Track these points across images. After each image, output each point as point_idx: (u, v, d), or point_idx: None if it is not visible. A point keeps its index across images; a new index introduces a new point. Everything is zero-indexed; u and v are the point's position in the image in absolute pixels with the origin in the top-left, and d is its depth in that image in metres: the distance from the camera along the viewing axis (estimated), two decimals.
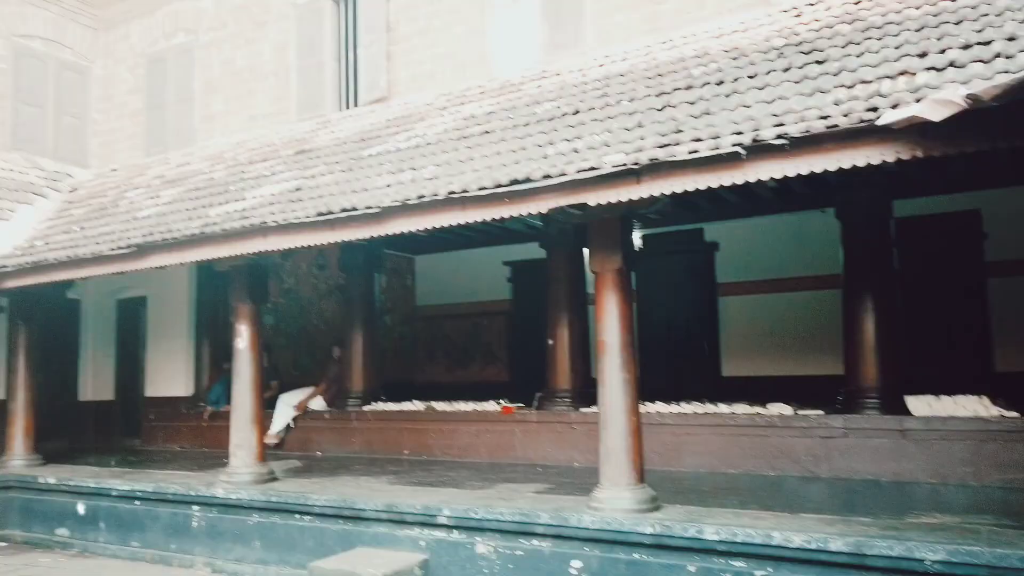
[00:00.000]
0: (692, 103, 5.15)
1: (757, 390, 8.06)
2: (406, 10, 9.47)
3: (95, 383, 12.03)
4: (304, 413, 9.65)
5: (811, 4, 6.40)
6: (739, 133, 4.30)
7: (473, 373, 12.44)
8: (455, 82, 8.97)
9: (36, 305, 9.31)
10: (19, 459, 8.99)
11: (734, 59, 5.72)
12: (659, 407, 7.46)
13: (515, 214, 5.17)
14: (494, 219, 5.31)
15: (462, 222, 5.42)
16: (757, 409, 7.04)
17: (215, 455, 9.21)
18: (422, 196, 5.45)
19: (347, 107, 10.02)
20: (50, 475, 8.38)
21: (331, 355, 10.34)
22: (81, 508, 7.97)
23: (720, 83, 5.31)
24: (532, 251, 9.37)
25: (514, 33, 8.66)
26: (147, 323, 11.62)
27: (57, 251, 8.03)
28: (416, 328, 13.05)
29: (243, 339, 7.51)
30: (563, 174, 4.80)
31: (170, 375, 11.36)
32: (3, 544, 8.32)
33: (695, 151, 4.34)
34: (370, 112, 9.30)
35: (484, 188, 5.14)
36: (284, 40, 10.51)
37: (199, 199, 8.10)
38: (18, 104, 11.44)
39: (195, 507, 7.15)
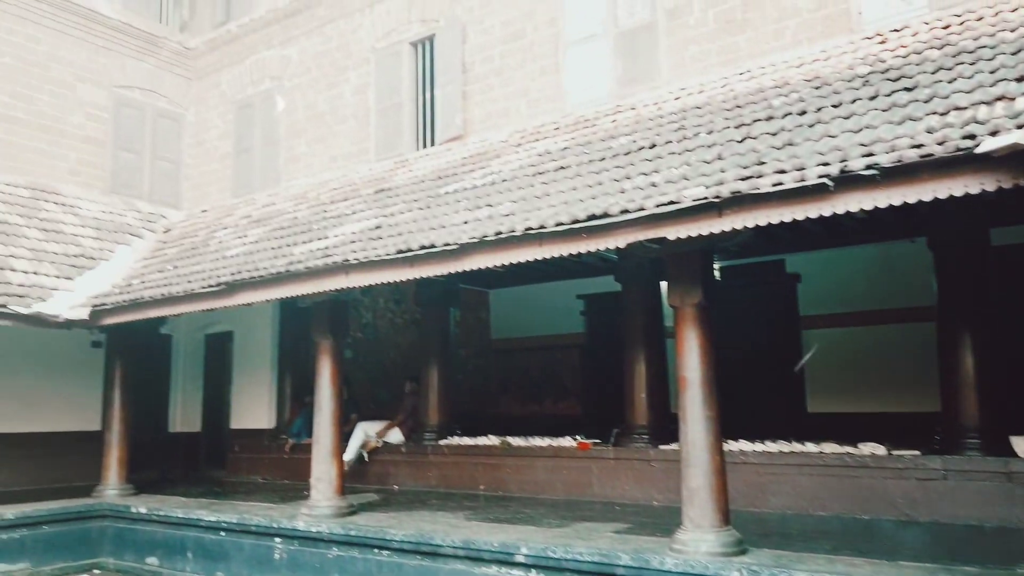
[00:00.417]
0: (774, 134, 5.05)
1: (845, 428, 7.71)
2: (481, 50, 9.67)
3: (184, 415, 12.49)
4: (381, 447, 9.75)
5: (896, 30, 6.23)
6: (825, 164, 4.19)
7: (547, 407, 12.36)
8: (529, 119, 9.08)
9: (132, 340, 9.77)
10: (113, 489, 9.37)
11: (816, 88, 5.60)
12: (742, 445, 7.22)
13: (592, 249, 5.14)
14: (570, 254, 5.30)
15: (539, 258, 5.43)
16: (847, 449, 6.73)
17: (296, 487, 9.40)
18: (499, 232, 5.49)
19: (424, 146, 10.25)
20: (141, 505, 8.70)
21: (404, 389, 10.44)
22: (170, 538, 8.23)
23: (803, 113, 5.20)
24: (606, 284, 9.30)
25: (588, 69, 8.72)
26: (233, 357, 12.03)
27: (152, 289, 8.43)
28: (490, 362, 13.09)
29: (324, 373, 7.68)
30: (641, 209, 4.76)
31: (253, 408, 11.69)
32: (97, 572, 8.65)
33: (779, 183, 4.24)
34: (446, 150, 9.50)
35: (561, 224, 5.14)
36: (364, 83, 10.87)
37: (284, 238, 8.39)
38: (118, 151, 12.16)
39: (277, 539, 7.28)
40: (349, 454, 9.49)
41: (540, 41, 9.14)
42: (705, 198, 4.48)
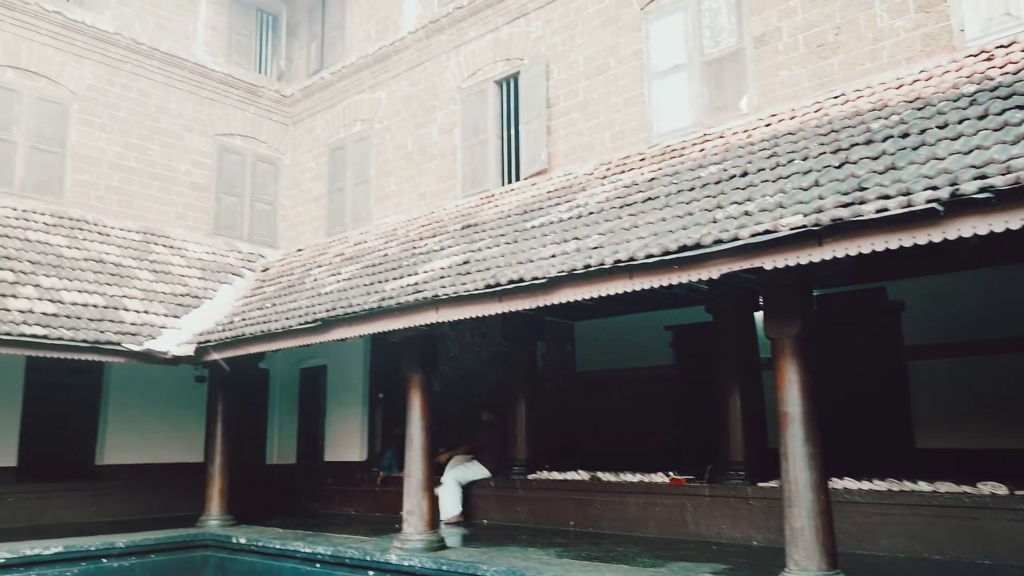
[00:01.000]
0: (875, 158, 4.86)
1: (957, 465, 7.23)
2: (565, 85, 9.76)
3: (280, 448, 12.88)
4: (471, 482, 9.74)
5: (1003, 46, 5.93)
6: (934, 188, 3.99)
7: (636, 441, 12.09)
8: (614, 151, 9.07)
9: (233, 375, 10.19)
10: (215, 519, 9.71)
11: (919, 109, 5.37)
12: (848, 483, 6.86)
13: (684, 281, 5.05)
14: (661, 286, 5.22)
15: (629, 290, 5.37)
16: (964, 488, 6.30)
17: (388, 520, 9.50)
18: (588, 266, 5.47)
19: (509, 181, 10.38)
20: (241, 535, 8.97)
21: (480, 418, 10.30)
22: (268, 568, 8.44)
23: (905, 136, 4.99)
24: (696, 315, 9.09)
25: (673, 99, 8.66)
26: (327, 391, 12.36)
27: (252, 326, 8.78)
28: (576, 395, 12.95)
29: (414, 407, 7.78)
30: (736, 239, 4.65)
31: (346, 440, 11.95)
32: None
33: (884, 209, 4.06)
34: (531, 185, 9.58)
35: (652, 256, 5.08)
36: (450, 122, 11.14)
37: (375, 275, 8.62)
38: (220, 194, 12.83)
39: (371, 572, 7.35)
40: (448, 512, 9.18)
41: (624, 74, 9.16)
42: (804, 226, 4.33)
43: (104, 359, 8.69)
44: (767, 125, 7.14)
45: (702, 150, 7.48)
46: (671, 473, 8.24)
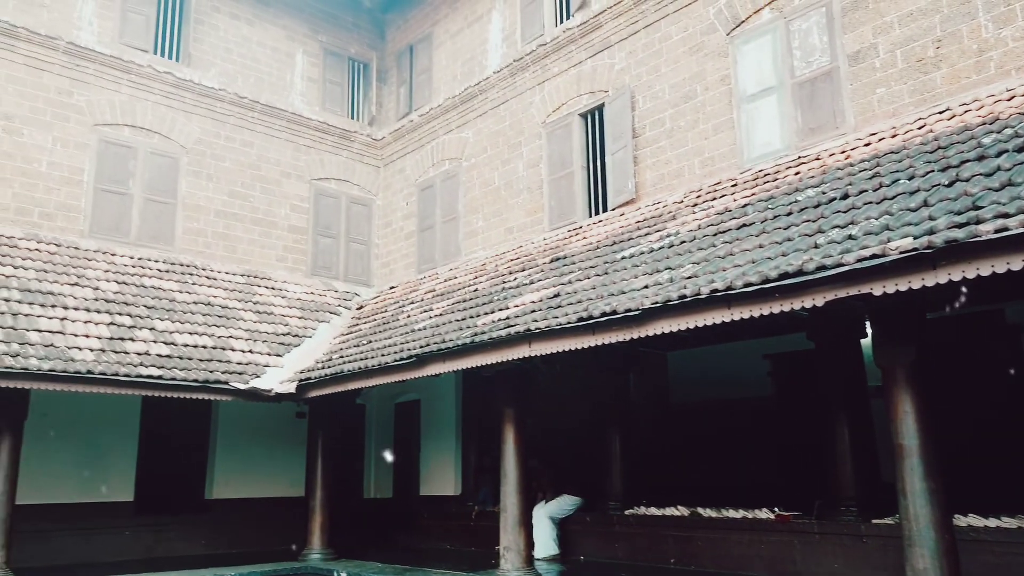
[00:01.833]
0: (988, 175, 4.60)
1: None
2: (651, 114, 9.72)
3: (377, 482, 13.10)
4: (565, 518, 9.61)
5: None
6: None
7: (735, 475, 11.67)
8: (704, 178, 8.94)
9: (331, 411, 10.47)
10: (316, 553, 9.93)
11: None
12: (973, 520, 6.40)
13: (786, 310, 4.88)
14: (762, 315, 5.06)
15: (727, 320, 5.23)
16: None
17: (483, 555, 9.47)
18: (683, 296, 5.37)
19: (596, 213, 10.36)
20: (343, 569, 9.13)
21: (528, 464, 10.01)
22: None
23: (1021, 150, 4.70)
24: (797, 343, 8.74)
25: (764, 123, 8.47)
26: (421, 425, 12.52)
27: (350, 363, 9.02)
28: (671, 427, 12.64)
29: (508, 441, 7.77)
30: (840, 264, 4.47)
31: (440, 475, 12.04)
32: None
33: (1004, 228, 3.82)
34: (619, 215, 9.53)
35: (751, 284, 4.94)
36: (536, 157, 11.26)
37: (466, 310, 8.72)
38: (317, 236, 13.34)
39: None
40: (543, 550, 8.94)
41: (712, 100, 9.04)
42: (915, 249, 4.12)
43: (213, 397, 9.10)
44: (866, 144, 6.88)
45: (797, 173, 7.27)
46: (776, 509, 7.90)
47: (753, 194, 7.32)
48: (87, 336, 8.71)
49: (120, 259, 10.88)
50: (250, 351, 10.06)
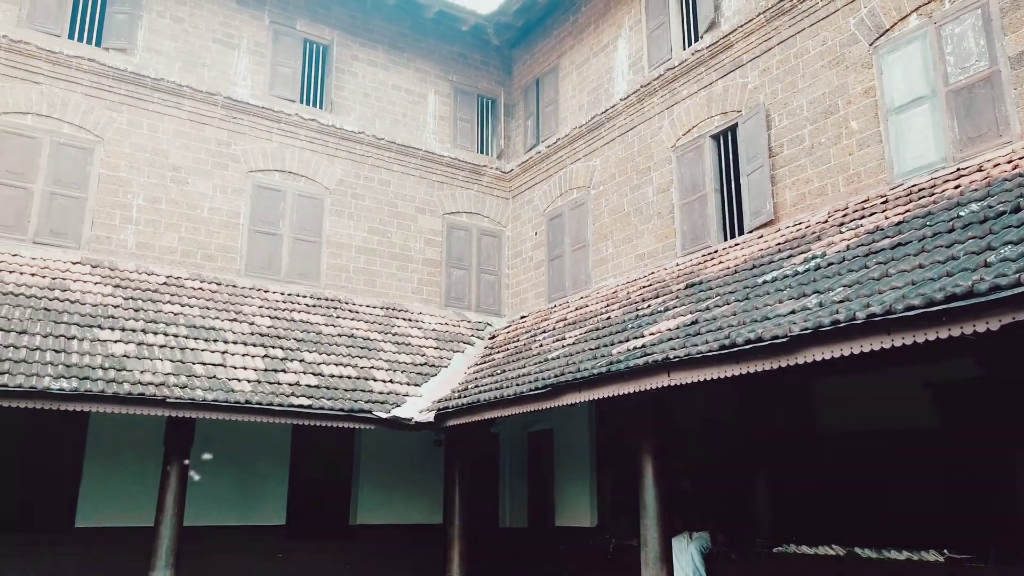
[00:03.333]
0: None
1: None
2: (788, 132, 9.35)
3: (512, 511, 13.14)
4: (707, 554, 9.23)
5: None
6: None
7: (893, 511, 10.80)
8: (849, 196, 8.46)
9: (467, 440, 10.63)
10: None
11: None
12: None
13: (955, 335, 4.49)
14: (926, 341, 4.68)
15: (887, 347, 4.87)
16: None
17: None
18: (836, 322, 5.06)
19: (732, 236, 10.03)
20: None
21: (680, 488, 9.64)
22: None
23: None
24: (963, 369, 8.02)
25: (915, 134, 7.93)
26: (554, 454, 12.47)
27: (485, 392, 9.14)
28: (820, 458, 11.89)
29: (647, 473, 7.57)
30: (1019, 284, 4.07)
31: (575, 505, 11.91)
32: None
33: None
34: (757, 238, 9.18)
35: (913, 308, 4.59)
36: (666, 181, 11.08)
37: (600, 338, 8.64)
38: (449, 268, 13.71)
39: None
40: None
41: (855, 113, 8.58)
42: None
43: (357, 426, 9.46)
44: None
45: (957, 186, 6.73)
46: (946, 551, 7.23)
47: (907, 211, 6.84)
48: (244, 368, 9.32)
49: (272, 295, 11.62)
50: (390, 381, 10.42)
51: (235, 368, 9.25)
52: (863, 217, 7.50)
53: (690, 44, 11.05)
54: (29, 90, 10.71)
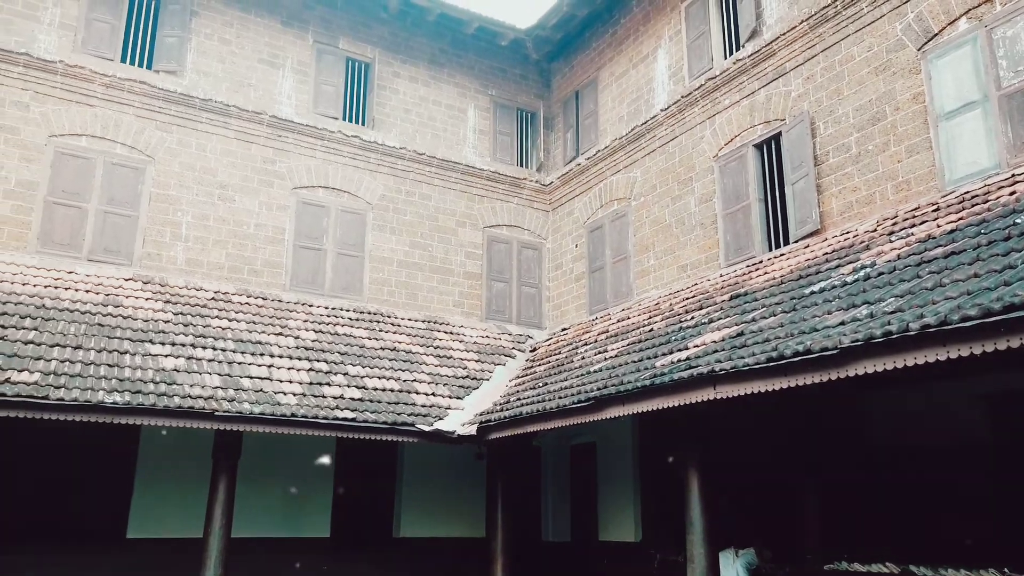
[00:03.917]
0: None
1: None
2: (834, 140, 9.19)
3: (555, 525, 13.05)
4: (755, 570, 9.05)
5: None
6: None
7: (948, 527, 10.45)
8: (899, 204, 8.27)
9: (509, 453, 10.59)
10: None
11: None
12: None
13: (1013, 346, 4.34)
14: (984, 353, 4.53)
15: (942, 359, 4.74)
16: None
17: None
18: (889, 333, 4.94)
19: (777, 246, 9.88)
20: None
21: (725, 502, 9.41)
22: None
23: None
24: (1017, 379, 7.77)
25: (966, 140, 7.72)
26: (597, 468, 12.36)
27: (528, 405, 9.11)
28: (871, 474, 11.59)
29: (692, 488, 7.46)
30: None
31: (618, 520, 11.77)
32: None
33: None
34: (804, 248, 9.03)
35: (969, 318, 4.46)
36: (708, 191, 10.97)
37: (643, 351, 8.56)
38: (490, 281, 13.74)
39: None
40: None
41: (903, 120, 8.40)
42: None
43: (400, 439, 9.50)
44: None
45: (1012, 193, 6.54)
46: (1006, 569, 6.97)
47: (960, 218, 6.66)
48: (290, 382, 9.45)
49: (316, 310, 11.78)
50: (433, 394, 10.46)
51: (281, 381, 9.38)
52: (914, 226, 7.33)
53: (731, 53, 10.95)
54: (84, 112, 11.08)
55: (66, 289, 9.93)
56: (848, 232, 8.49)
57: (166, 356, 9.11)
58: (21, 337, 8.47)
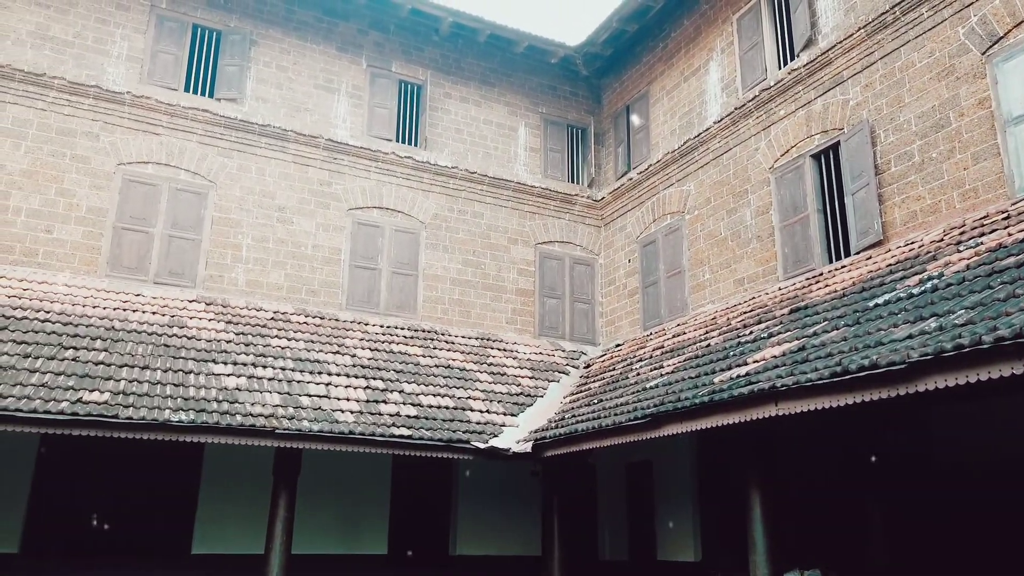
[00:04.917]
0: None
1: None
2: (895, 148, 8.95)
3: (612, 544, 12.88)
4: None
5: None
6: None
7: (1018, 545, 9.96)
8: (966, 212, 7.99)
9: (564, 471, 10.52)
10: None
11: None
12: None
13: None
14: None
15: (1018, 373, 4.54)
16: None
17: None
18: (960, 347, 4.76)
19: (837, 258, 9.64)
20: None
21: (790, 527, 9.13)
22: None
23: None
24: None
25: None
26: (654, 486, 12.17)
27: (583, 423, 9.04)
28: (938, 490, 11.13)
29: (754, 508, 7.29)
30: None
31: (678, 539, 11.56)
32: None
33: None
34: (866, 259, 8.79)
35: None
36: (764, 204, 10.79)
37: (700, 367, 8.42)
38: (543, 297, 13.73)
39: None
40: None
41: (969, 126, 8.13)
42: None
43: (456, 456, 9.53)
44: None
45: None
46: None
47: None
48: (347, 399, 9.58)
49: (372, 328, 11.93)
50: (487, 411, 10.46)
51: (339, 399, 9.51)
52: (983, 235, 7.07)
53: (786, 63, 10.79)
54: (150, 141, 11.52)
55: (134, 311, 10.29)
56: (913, 242, 8.23)
57: (228, 375, 9.33)
58: (92, 358, 8.79)
